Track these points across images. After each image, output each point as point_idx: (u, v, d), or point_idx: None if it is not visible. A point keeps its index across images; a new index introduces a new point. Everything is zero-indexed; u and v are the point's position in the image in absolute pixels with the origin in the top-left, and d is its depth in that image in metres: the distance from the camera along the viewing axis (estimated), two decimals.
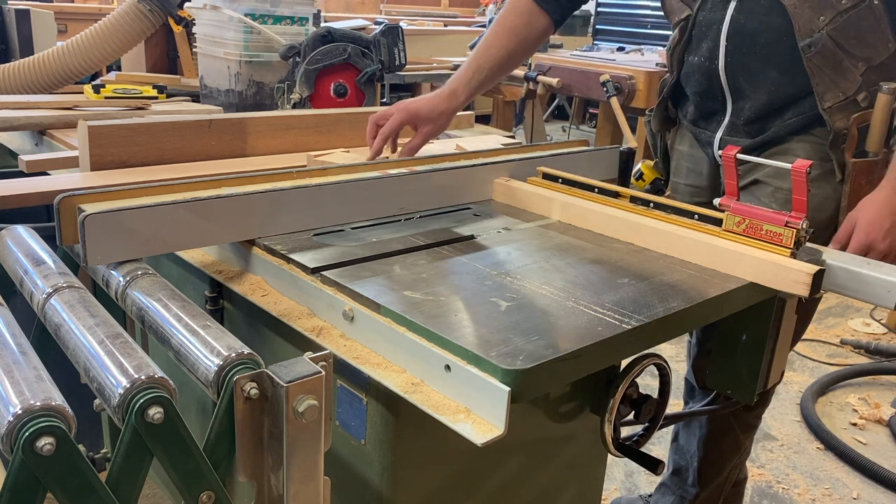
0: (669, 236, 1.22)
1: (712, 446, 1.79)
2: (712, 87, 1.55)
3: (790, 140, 1.49)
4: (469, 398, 0.82)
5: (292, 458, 0.79)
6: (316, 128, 1.73)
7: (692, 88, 1.61)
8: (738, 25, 1.47)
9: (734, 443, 1.78)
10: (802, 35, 1.39)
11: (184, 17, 2.42)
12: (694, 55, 1.57)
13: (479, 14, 7.53)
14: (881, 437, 2.75)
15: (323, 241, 1.17)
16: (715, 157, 1.62)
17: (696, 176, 1.69)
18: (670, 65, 1.66)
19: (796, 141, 1.49)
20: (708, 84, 1.55)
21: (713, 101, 1.58)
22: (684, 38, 1.58)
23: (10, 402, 0.69)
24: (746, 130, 1.53)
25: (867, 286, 1.18)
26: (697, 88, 1.59)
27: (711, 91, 1.56)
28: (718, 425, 1.76)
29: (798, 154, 1.47)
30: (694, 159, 1.69)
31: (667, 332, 1.00)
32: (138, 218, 1.04)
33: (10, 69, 2.14)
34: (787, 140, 1.49)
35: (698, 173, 1.69)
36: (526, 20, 1.59)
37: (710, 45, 1.52)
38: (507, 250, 1.20)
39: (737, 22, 1.47)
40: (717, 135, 1.58)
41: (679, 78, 1.64)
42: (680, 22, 1.59)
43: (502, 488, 1.14)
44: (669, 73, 1.67)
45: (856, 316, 3.76)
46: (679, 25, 1.59)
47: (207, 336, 0.86)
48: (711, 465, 1.80)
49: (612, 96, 3.50)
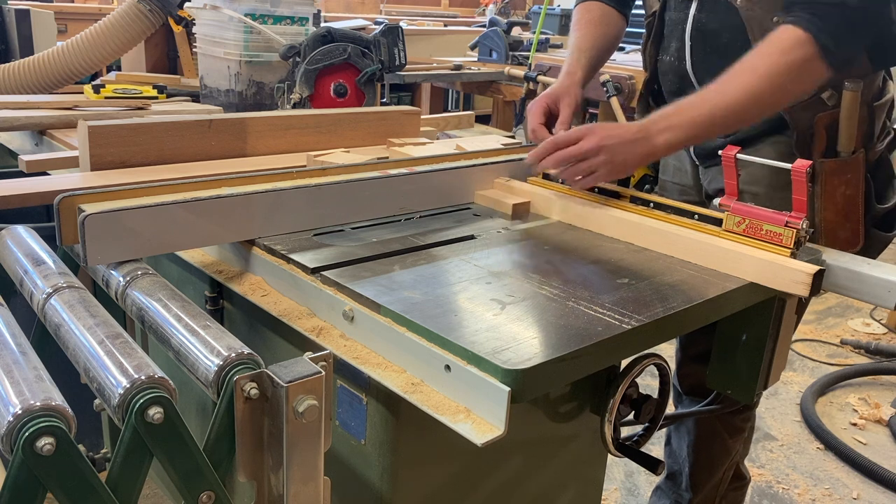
0: (669, 236, 1.22)
1: (701, 451, 1.78)
2: (683, 87, 1.54)
3: (759, 141, 1.47)
4: (469, 398, 0.82)
5: (292, 458, 0.79)
6: (316, 128, 1.73)
7: (666, 87, 1.61)
8: (700, 25, 1.47)
9: (722, 447, 1.77)
10: (756, 36, 1.36)
11: (184, 17, 2.42)
12: (665, 54, 1.58)
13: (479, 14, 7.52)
14: (881, 437, 2.75)
15: (323, 241, 1.17)
16: (692, 157, 1.62)
17: (682, 174, 1.69)
18: (644, 63, 1.66)
19: (765, 142, 1.46)
20: (680, 83, 1.55)
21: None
22: (651, 35, 1.59)
23: (10, 402, 0.69)
24: None
25: (867, 286, 1.18)
26: (670, 88, 1.59)
27: (683, 90, 1.54)
28: (705, 430, 1.75)
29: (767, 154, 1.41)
30: (678, 157, 1.69)
31: (667, 332, 1.00)
32: (138, 218, 1.04)
33: (10, 69, 2.14)
34: (756, 141, 1.47)
35: (684, 172, 1.69)
36: (599, 14, 1.66)
37: (678, 45, 1.53)
38: (507, 250, 1.20)
39: (699, 22, 1.47)
40: None
41: (654, 76, 1.64)
42: (648, 18, 1.59)
43: (502, 488, 1.14)
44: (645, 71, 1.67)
45: (856, 316, 3.76)
46: (647, 22, 1.60)
47: (207, 336, 0.86)
48: (702, 470, 1.80)
49: (612, 96, 3.50)
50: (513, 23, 4.22)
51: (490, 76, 3.88)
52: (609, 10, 1.65)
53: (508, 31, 4.06)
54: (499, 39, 4.01)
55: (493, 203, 1.42)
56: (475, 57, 4.21)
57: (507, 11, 6.64)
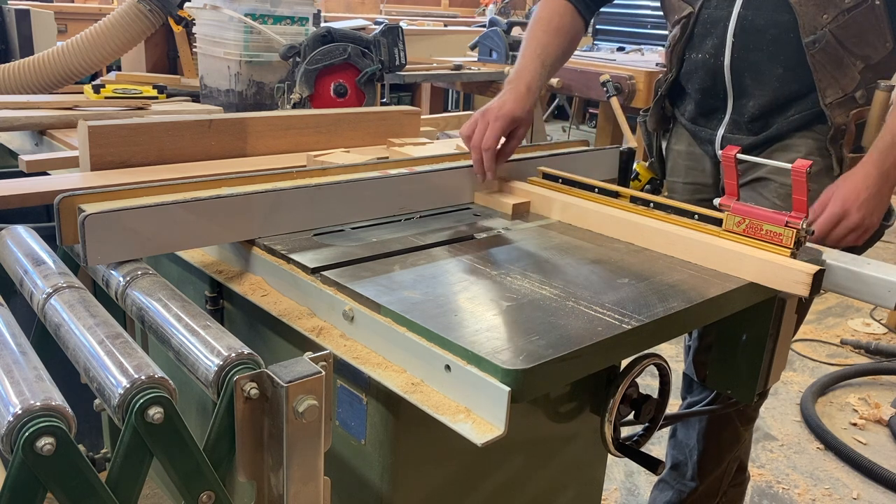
0: (669, 236, 1.22)
1: (712, 439, 1.80)
2: (715, 85, 1.56)
3: (791, 136, 1.52)
4: (469, 398, 0.82)
5: (292, 458, 0.79)
6: (316, 128, 1.73)
7: (694, 86, 1.61)
8: (746, 22, 1.48)
9: (734, 434, 1.78)
10: (807, 32, 1.41)
11: (184, 17, 2.42)
12: (696, 52, 1.58)
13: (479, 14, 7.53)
14: (881, 437, 2.75)
15: (323, 241, 1.17)
16: (716, 155, 1.62)
17: (699, 174, 1.69)
18: (669, 62, 1.66)
19: (798, 137, 1.51)
20: (711, 81, 1.56)
21: (714, 99, 1.59)
22: (685, 35, 1.58)
23: (10, 402, 0.69)
24: (749, 128, 1.55)
25: (867, 286, 1.18)
26: (700, 85, 1.59)
27: (714, 88, 1.57)
28: (718, 417, 1.77)
29: (799, 149, 1.50)
30: (693, 157, 1.69)
31: (667, 332, 1.00)
32: (138, 218, 1.04)
33: (10, 69, 2.14)
34: (788, 136, 1.52)
35: (700, 171, 1.69)
36: (570, 20, 1.62)
37: (716, 42, 1.53)
38: (507, 250, 1.20)
39: (744, 19, 1.48)
40: (719, 132, 1.59)
41: (679, 76, 1.64)
42: (681, 20, 1.59)
43: (502, 488, 1.14)
44: (668, 72, 1.67)
45: (856, 316, 3.76)
46: (680, 23, 1.59)
47: (207, 336, 0.86)
48: (711, 457, 1.81)
49: (613, 96, 3.50)
50: (513, 23, 4.23)
51: (490, 76, 3.89)
52: (576, 18, 1.62)
53: (508, 31, 4.06)
54: (499, 39, 4.01)
55: (493, 203, 1.42)
56: (475, 57, 4.21)
57: (507, 11, 6.64)
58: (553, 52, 1.58)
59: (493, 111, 1.44)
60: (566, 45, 1.62)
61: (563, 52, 1.62)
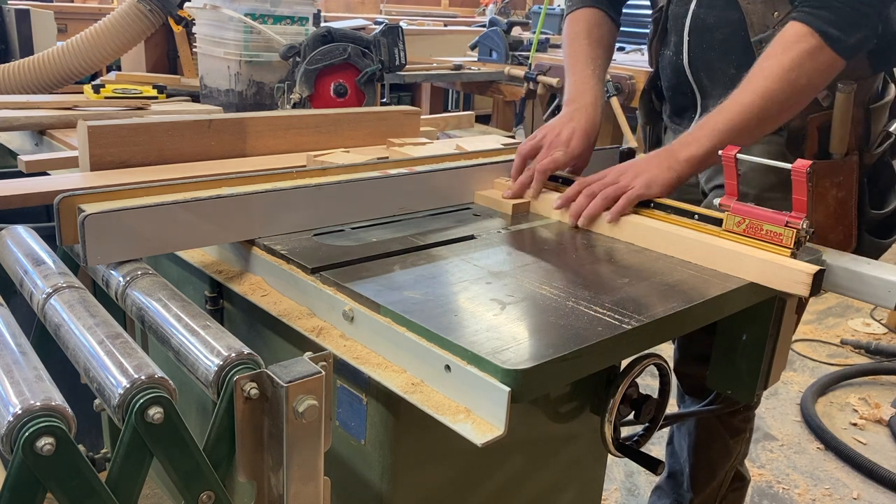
0: (669, 236, 1.22)
1: (702, 453, 1.78)
2: (681, 83, 1.54)
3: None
4: (469, 398, 0.82)
5: (292, 459, 0.79)
6: (316, 128, 1.73)
7: (665, 83, 1.61)
8: (699, 20, 1.46)
9: (723, 448, 1.76)
10: (756, 30, 1.37)
11: (184, 17, 2.42)
12: (666, 49, 1.58)
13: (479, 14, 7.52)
14: (881, 437, 2.75)
15: (323, 241, 1.17)
16: None
17: None
18: (649, 57, 1.66)
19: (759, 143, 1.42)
20: (677, 79, 1.55)
21: (683, 97, 1.57)
22: (658, 31, 1.58)
23: (10, 402, 0.69)
24: None
25: (867, 286, 1.18)
26: (669, 83, 1.59)
27: (681, 86, 1.55)
28: (706, 431, 1.75)
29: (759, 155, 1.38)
30: None
31: (667, 332, 1.00)
32: (138, 218, 1.04)
33: (10, 69, 2.14)
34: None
35: None
36: (607, 29, 1.61)
37: (676, 40, 1.52)
38: (507, 250, 1.20)
39: (697, 17, 1.46)
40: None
41: (657, 71, 1.64)
42: (654, 14, 1.59)
43: (502, 488, 1.14)
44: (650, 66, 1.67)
45: (856, 316, 3.76)
46: (654, 17, 1.59)
47: (207, 336, 0.86)
48: (703, 471, 1.79)
49: (612, 96, 3.50)
50: (513, 23, 4.23)
51: (490, 76, 3.89)
52: (611, 25, 1.62)
53: (508, 30, 4.06)
54: (499, 39, 4.01)
55: (493, 203, 1.42)
56: (475, 57, 4.21)
57: (507, 11, 6.64)
58: (602, 63, 1.57)
59: (557, 138, 1.43)
60: (610, 54, 1.62)
61: (608, 60, 1.61)
